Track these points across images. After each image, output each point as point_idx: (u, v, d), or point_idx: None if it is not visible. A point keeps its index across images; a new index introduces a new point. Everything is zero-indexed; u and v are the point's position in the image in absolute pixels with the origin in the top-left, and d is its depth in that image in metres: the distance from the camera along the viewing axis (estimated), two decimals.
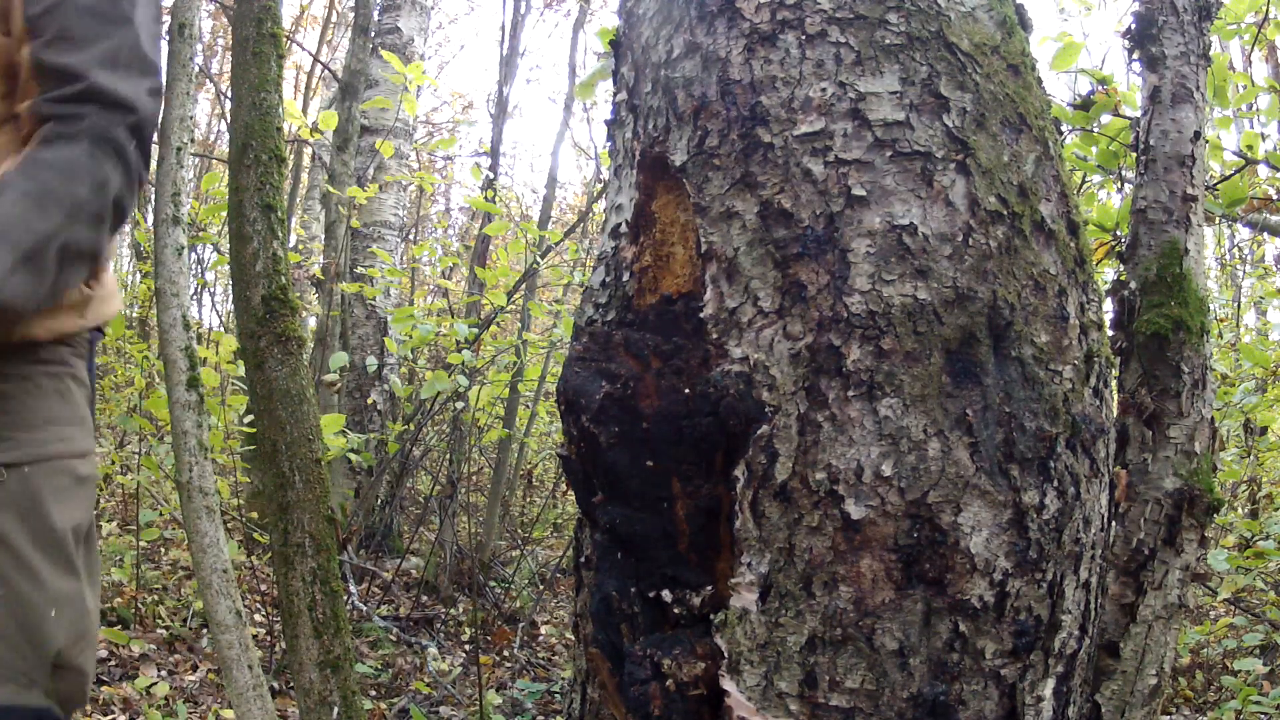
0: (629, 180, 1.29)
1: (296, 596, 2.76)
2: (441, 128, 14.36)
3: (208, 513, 3.13)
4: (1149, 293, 1.61)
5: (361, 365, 6.04)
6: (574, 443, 1.22)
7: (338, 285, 5.45)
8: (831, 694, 1.05)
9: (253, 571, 5.13)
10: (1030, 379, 1.10)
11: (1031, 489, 1.08)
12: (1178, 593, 1.51)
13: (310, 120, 5.78)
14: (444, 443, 6.49)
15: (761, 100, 1.14)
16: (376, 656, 4.48)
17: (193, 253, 6.30)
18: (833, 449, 1.06)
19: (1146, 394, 1.56)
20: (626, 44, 1.33)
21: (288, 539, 2.78)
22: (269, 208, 2.92)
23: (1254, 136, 2.98)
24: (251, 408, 3.06)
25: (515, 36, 7.37)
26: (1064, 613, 1.12)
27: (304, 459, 2.80)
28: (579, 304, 1.38)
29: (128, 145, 1.20)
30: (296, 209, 9.94)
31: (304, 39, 12.35)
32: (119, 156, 1.19)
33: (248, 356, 2.91)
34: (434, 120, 14.47)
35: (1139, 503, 1.52)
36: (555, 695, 4.06)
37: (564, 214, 13.45)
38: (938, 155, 1.11)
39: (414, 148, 8.69)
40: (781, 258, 1.10)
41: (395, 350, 5.90)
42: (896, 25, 1.14)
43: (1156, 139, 1.69)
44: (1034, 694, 1.10)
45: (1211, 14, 1.76)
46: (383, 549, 6.12)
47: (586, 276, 2.56)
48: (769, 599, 1.07)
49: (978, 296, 1.08)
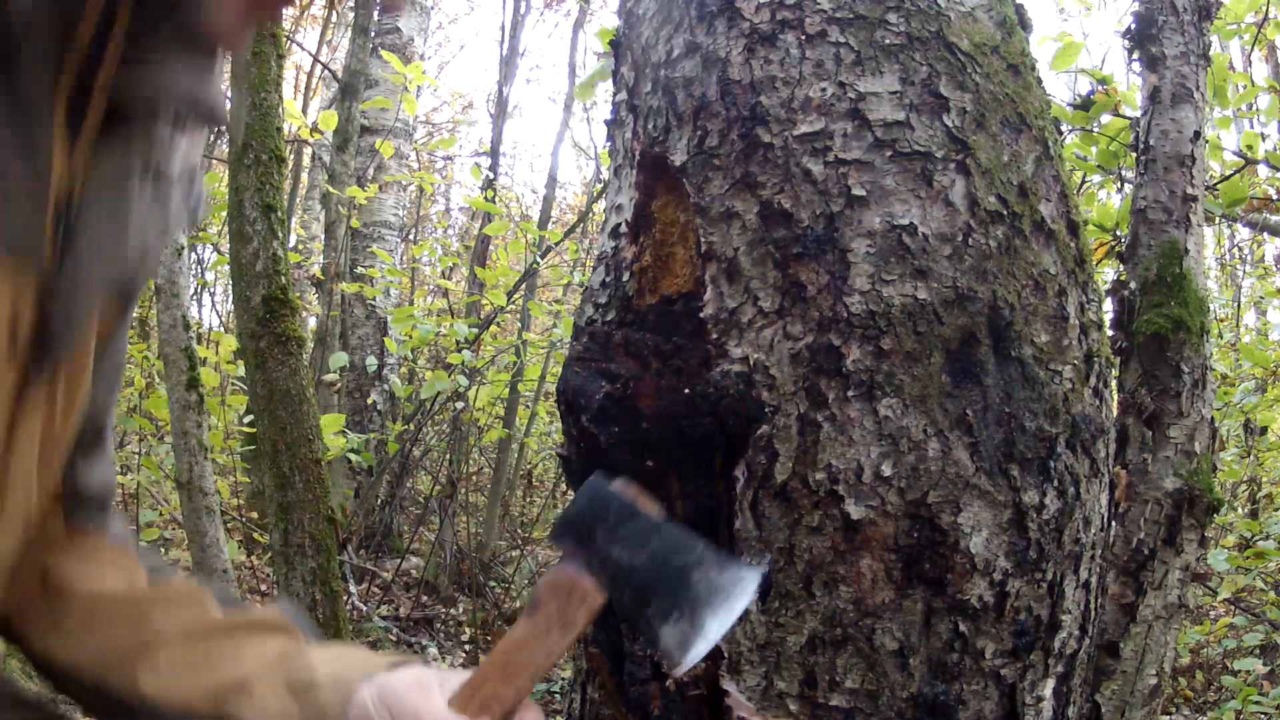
0: (629, 180, 1.29)
1: (296, 596, 2.76)
2: (441, 128, 14.36)
3: (208, 513, 3.13)
4: (1149, 293, 1.61)
5: (361, 365, 6.04)
6: (574, 443, 1.22)
7: (338, 285, 5.45)
8: (831, 694, 1.05)
9: (253, 571, 5.13)
10: (1030, 379, 1.10)
11: (1031, 489, 1.08)
12: (1178, 593, 1.51)
13: (310, 120, 5.78)
14: (444, 443, 6.49)
15: (761, 100, 1.14)
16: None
17: (193, 253, 6.30)
18: (833, 449, 1.06)
19: (1146, 394, 1.56)
20: (626, 44, 1.33)
21: (288, 539, 2.78)
22: (269, 208, 2.92)
23: (1254, 136, 2.98)
24: (251, 408, 3.06)
25: (515, 36, 7.37)
26: (1064, 613, 1.12)
27: (304, 459, 2.80)
28: (579, 304, 1.38)
29: None
30: (296, 209, 9.94)
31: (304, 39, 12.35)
32: None
33: (248, 356, 2.91)
34: (434, 120, 14.47)
35: (1139, 503, 1.52)
36: (555, 695, 4.06)
37: (564, 214, 13.45)
38: (937, 155, 1.11)
39: (414, 148, 8.70)
40: (781, 258, 1.10)
41: (395, 350, 5.90)
42: (896, 25, 1.14)
43: (1156, 139, 1.69)
44: (1034, 694, 1.10)
45: (1211, 14, 1.76)
46: (383, 549, 6.11)
47: (586, 276, 2.56)
48: (769, 599, 1.07)
49: (978, 296, 1.08)
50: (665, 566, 0.70)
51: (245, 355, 2.93)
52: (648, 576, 0.70)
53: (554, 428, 8.15)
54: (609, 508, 0.72)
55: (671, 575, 0.69)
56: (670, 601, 0.69)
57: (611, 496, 0.72)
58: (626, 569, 0.70)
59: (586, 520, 0.72)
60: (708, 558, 0.70)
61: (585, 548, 0.72)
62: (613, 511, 0.72)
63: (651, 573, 0.70)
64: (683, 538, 0.71)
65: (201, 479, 3.12)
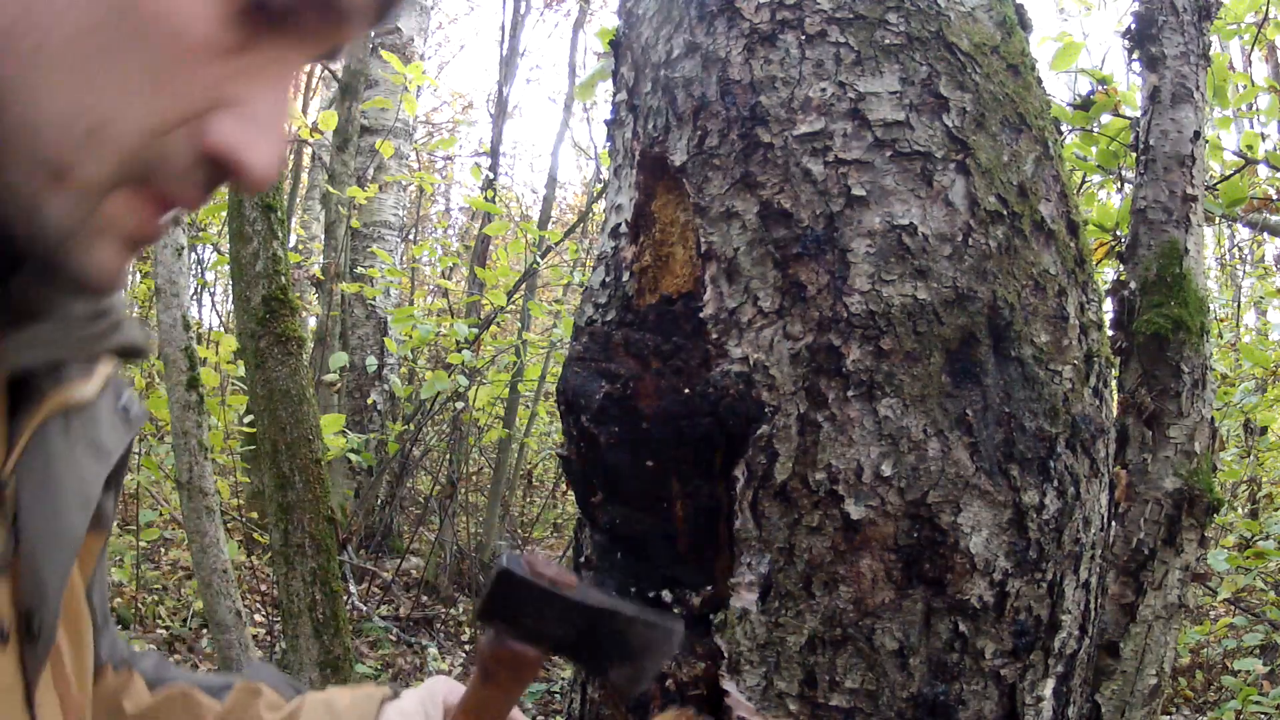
0: (629, 180, 1.29)
1: (296, 596, 2.76)
2: (441, 128, 14.36)
3: (208, 513, 3.13)
4: (1149, 293, 1.61)
5: (361, 365, 6.04)
6: (574, 443, 1.22)
7: (338, 285, 5.45)
8: (831, 694, 1.05)
9: (253, 571, 5.13)
10: (1030, 379, 1.10)
11: (1031, 489, 1.08)
12: (1178, 593, 1.51)
13: (310, 120, 5.78)
14: (444, 443, 6.50)
15: (761, 100, 1.14)
16: (376, 656, 4.48)
17: (193, 253, 6.31)
18: (832, 449, 1.06)
19: (1146, 394, 1.56)
20: (626, 44, 1.33)
21: (288, 539, 2.78)
22: (269, 208, 2.92)
23: (1254, 136, 2.98)
24: (251, 408, 3.06)
25: (515, 36, 7.37)
26: (1064, 613, 1.12)
27: (304, 459, 2.80)
28: (579, 304, 1.38)
29: None
30: (296, 209, 9.94)
31: None
32: None
33: (248, 356, 2.91)
34: (434, 120, 14.47)
35: (1139, 503, 1.52)
36: (555, 695, 4.06)
37: (564, 214, 13.45)
38: (937, 155, 1.11)
39: (414, 148, 8.70)
40: (781, 258, 1.10)
41: (395, 350, 5.90)
42: (896, 25, 1.14)
43: (1156, 139, 1.69)
44: (1034, 694, 1.10)
45: (1211, 14, 1.76)
46: (383, 549, 6.12)
47: (586, 276, 2.56)
48: (769, 599, 1.07)
49: (977, 296, 1.08)
50: (597, 636, 0.74)
51: (245, 355, 2.93)
52: (583, 644, 0.74)
53: (554, 428, 8.15)
54: (528, 598, 0.74)
55: (606, 641, 0.74)
56: (610, 658, 0.74)
57: (528, 586, 0.74)
58: (561, 640, 0.74)
59: (511, 609, 0.74)
60: (635, 618, 0.74)
61: (516, 628, 0.74)
62: (533, 600, 0.74)
63: (586, 641, 0.74)
64: (606, 604, 0.75)
65: (201, 479, 3.12)
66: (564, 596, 0.73)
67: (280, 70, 0.52)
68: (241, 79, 0.50)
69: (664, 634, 0.74)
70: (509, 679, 0.75)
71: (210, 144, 0.50)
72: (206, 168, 0.51)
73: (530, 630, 0.74)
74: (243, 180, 0.52)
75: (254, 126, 0.51)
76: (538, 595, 0.73)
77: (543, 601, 0.73)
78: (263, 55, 0.51)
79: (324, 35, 0.53)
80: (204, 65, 0.49)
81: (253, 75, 0.51)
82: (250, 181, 0.52)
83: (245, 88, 0.51)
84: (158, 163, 0.50)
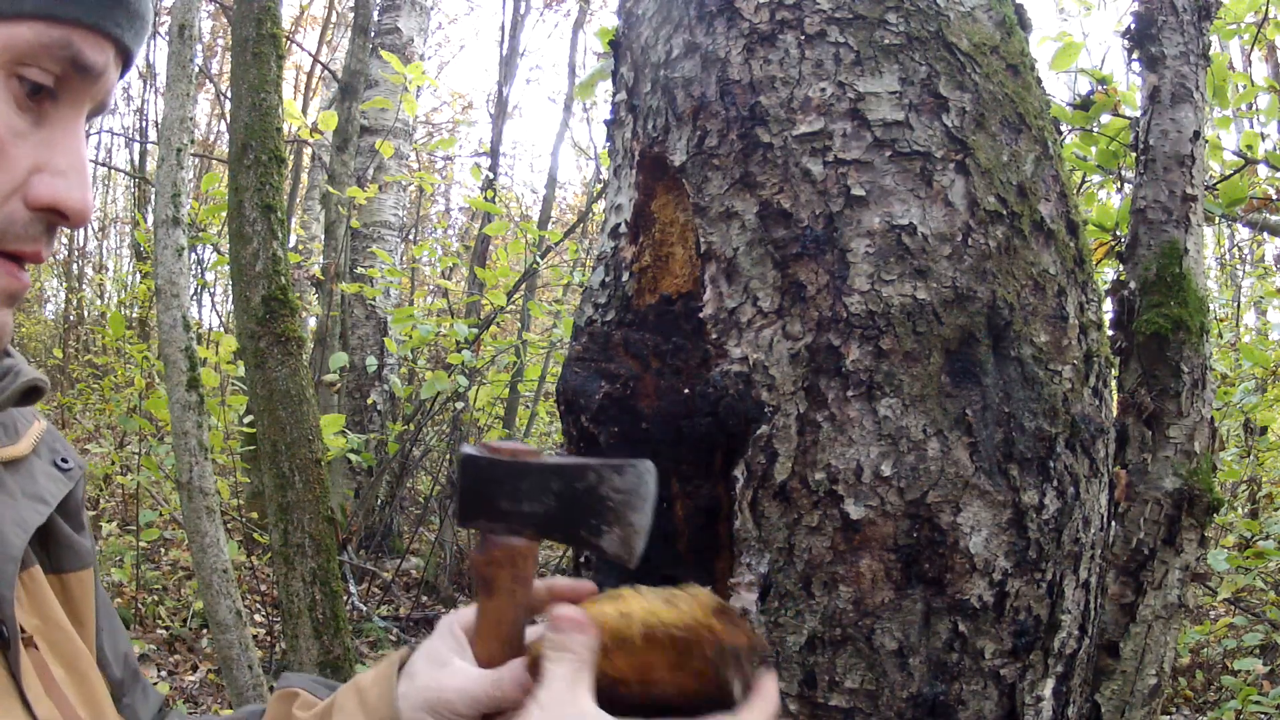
0: (628, 180, 1.29)
1: (296, 596, 2.76)
2: (441, 128, 14.36)
3: (208, 513, 3.13)
4: (1149, 293, 1.61)
5: (361, 365, 6.04)
6: (574, 443, 1.22)
7: (338, 285, 5.45)
8: (831, 694, 1.05)
9: (253, 571, 5.13)
10: (1030, 379, 1.10)
11: (1031, 489, 1.08)
12: (1178, 593, 1.51)
13: (310, 120, 5.79)
14: (444, 443, 6.49)
15: (761, 100, 1.14)
16: (376, 656, 4.48)
17: (193, 253, 6.30)
18: (832, 449, 1.06)
19: (1146, 394, 1.56)
20: (626, 44, 1.33)
21: (288, 539, 2.78)
22: (269, 208, 2.92)
23: (1254, 136, 2.98)
24: (251, 408, 3.06)
25: (515, 36, 7.37)
26: (1063, 613, 1.12)
27: (304, 459, 2.80)
28: (579, 304, 1.38)
29: None
30: (296, 209, 9.94)
31: (304, 39, 12.34)
32: None
33: (248, 357, 2.91)
34: (434, 120, 14.47)
35: (1139, 503, 1.52)
36: None
37: (564, 214, 13.45)
38: (937, 155, 1.11)
39: (414, 148, 8.70)
40: (781, 258, 1.10)
41: (395, 350, 5.90)
42: (896, 25, 1.14)
43: (1156, 139, 1.69)
44: (1034, 694, 1.10)
45: (1211, 14, 1.76)
46: (383, 549, 6.12)
47: (586, 276, 2.56)
48: (768, 599, 1.07)
49: (977, 296, 1.08)
50: (575, 499, 0.74)
51: (245, 355, 2.93)
52: (564, 514, 0.74)
53: (554, 428, 8.14)
54: (495, 475, 0.75)
55: (583, 502, 0.74)
56: (595, 522, 0.74)
57: (494, 464, 0.75)
58: (544, 516, 0.75)
59: (485, 495, 0.75)
60: (604, 472, 0.75)
61: (497, 519, 0.75)
62: (501, 477, 0.75)
63: (566, 509, 0.74)
64: (572, 465, 0.75)
65: (201, 479, 3.12)
66: (528, 463, 0.75)
67: (67, 130, 0.67)
68: (43, 146, 0.66)
69: (636, 476, 0.74)
70: (509, 579, 0.75)
71: (36, 201, 0.65)
72: (40, 220, 0.66)
73: (511, 516, 0.74)
74: (69, 219, 0.67)
75: (62, 178, 0.66)
76: (504, 470, 0.75)
77: (511, 475, 0.74)
78: (51, 123, 0.66)
79: (88, 93, 0.68)
80: (15, 147, 0.64)
81: (51, 140, 0.66)
82: (74, 218, 0.67)
83: (47, 151, 0.66)
84: (5, 226, 0.65)
